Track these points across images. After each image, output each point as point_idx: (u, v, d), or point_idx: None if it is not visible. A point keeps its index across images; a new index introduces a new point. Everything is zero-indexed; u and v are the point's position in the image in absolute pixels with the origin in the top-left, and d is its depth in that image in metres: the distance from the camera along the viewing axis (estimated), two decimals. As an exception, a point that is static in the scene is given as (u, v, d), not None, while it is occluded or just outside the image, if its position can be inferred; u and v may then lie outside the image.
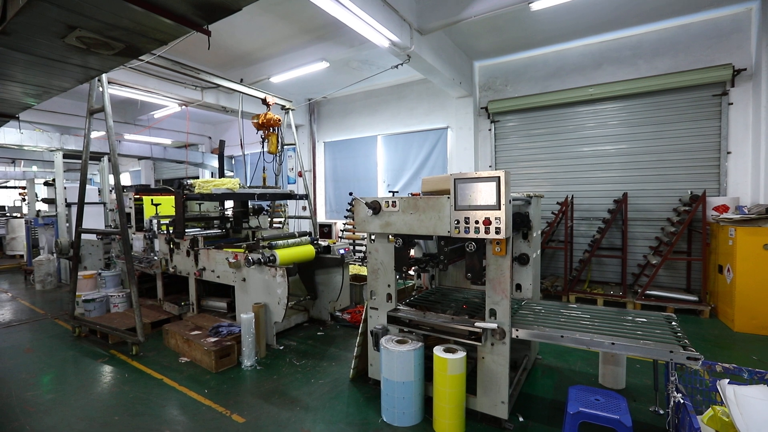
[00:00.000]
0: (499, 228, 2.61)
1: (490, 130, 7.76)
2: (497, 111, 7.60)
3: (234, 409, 3.28)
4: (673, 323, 2.93)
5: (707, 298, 5.62)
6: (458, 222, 2.76)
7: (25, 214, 12.60)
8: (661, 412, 3.10)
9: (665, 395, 2.70)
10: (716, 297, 5.50)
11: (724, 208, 5.48)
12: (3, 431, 3.02)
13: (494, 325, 2.79)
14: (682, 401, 2.37)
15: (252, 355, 4.10)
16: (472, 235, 2.71)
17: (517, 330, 2.86)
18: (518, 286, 3.75)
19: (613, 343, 2.58)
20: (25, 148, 8.39)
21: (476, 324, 2.85)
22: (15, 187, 16.13)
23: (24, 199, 14.20)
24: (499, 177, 2.60)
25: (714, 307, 5.49)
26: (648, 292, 5.78)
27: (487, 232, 2.65)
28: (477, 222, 2.68)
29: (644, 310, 4.79)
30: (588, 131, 6.91)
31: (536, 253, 3.85)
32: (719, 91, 5.89)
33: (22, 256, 11.04)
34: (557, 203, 6.61)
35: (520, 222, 3.54)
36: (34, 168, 15.88)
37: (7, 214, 13.47)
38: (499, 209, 2.61)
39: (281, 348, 4.56)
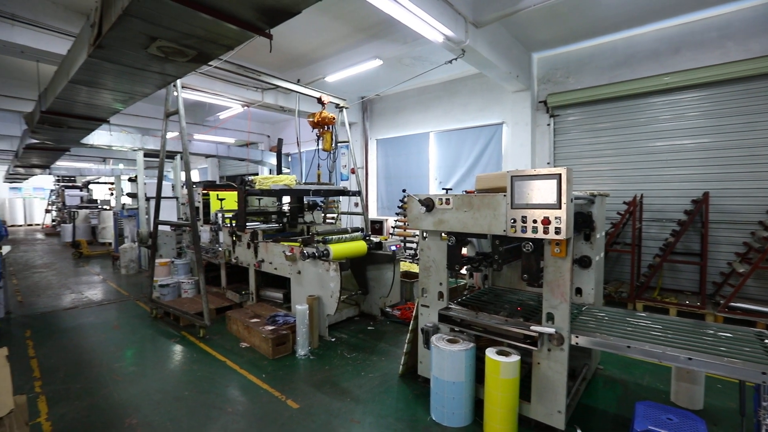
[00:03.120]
0: (560, 228, 2.48)
1: (548, 125, 7.35)
2: (557, 104, 7.17)
3: (289, 394, 3.45)
4: (766, 341, 2.59)
5: (809, 314, 4.89)
6: (515, 221, 2.66)
7: (113, 207, 14.22)
8: (748, 439, 2.76)
9: (755, 422, 2.39)
10: (821, 313, 4.76)
11: (835, 211, 4.72)
12: (97, 395, 3.46)
13: (552, 330, 2.66)
14: (775, 429, 2.09)
15: (306, 345, 4.28)
16: (529, 234, 2.60)
17: (577, 336, 2.70)
18: (578, 290, 3.53)
19: (690, 359, 2.34)
20: (114, 148, 9.44)
21: (532, 327, 2.73)
22: (105, 183, 18.27)
23: (112, 194, 16.03)
24: (560, 174, 2.46)
25: (818, 325, 4.77)
26: (732, 303, 5.15)
27: (546, 232, 2.53)
28: (535, 221, 2.56)
29: (727, 323, 4.27)
30: (662, 124, 6.28)
31: (599, 255, 3.60)
32: (831, 75, 5.07)
33: (110, 244, 12.47)
34: (624, 203, 6.09)
35: (582, 222, 3.33)
36: (121, 166, 17.84)
37: (99, 207, 15.30)
38: (560, 208, 2.47)
39: (333, 340, 4.70)
